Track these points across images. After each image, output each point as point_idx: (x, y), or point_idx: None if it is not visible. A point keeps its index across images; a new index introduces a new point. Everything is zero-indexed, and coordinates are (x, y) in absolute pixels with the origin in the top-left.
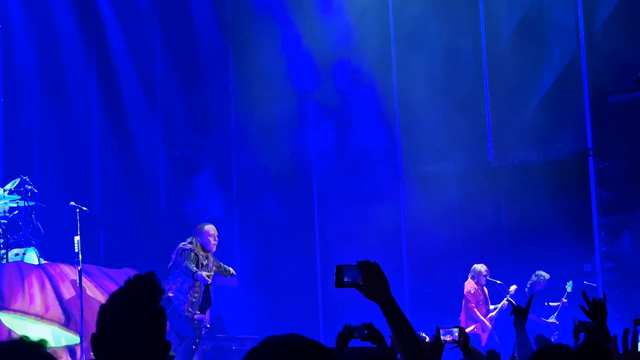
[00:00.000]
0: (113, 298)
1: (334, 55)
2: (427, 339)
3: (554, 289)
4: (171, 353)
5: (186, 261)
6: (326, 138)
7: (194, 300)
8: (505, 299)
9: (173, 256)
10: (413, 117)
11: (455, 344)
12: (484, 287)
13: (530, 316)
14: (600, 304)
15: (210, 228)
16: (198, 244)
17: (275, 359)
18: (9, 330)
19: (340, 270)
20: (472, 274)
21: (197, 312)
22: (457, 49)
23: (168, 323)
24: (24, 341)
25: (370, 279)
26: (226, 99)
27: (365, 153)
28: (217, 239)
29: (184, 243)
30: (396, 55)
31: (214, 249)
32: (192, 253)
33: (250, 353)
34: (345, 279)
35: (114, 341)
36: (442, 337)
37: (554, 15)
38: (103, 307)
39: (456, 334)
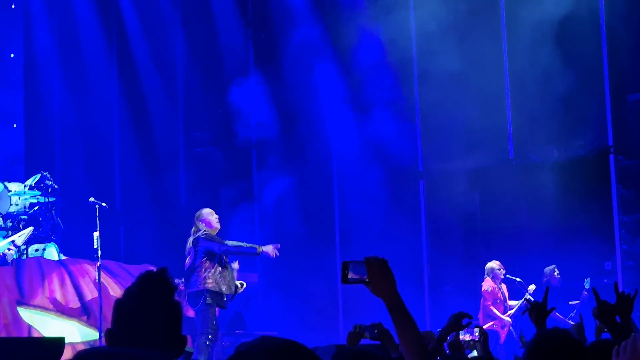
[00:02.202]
0: (127, 293)
1: (355, 52)
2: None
3: (573, 287)
4: (189, 349)
5: (214, 240)
6: (346, 136)
7: (209, 287)
8: (523, 297)
9: (190, 245)
10: (433, 115)
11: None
12: (502, 285)
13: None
14: (628, 299)
15: (205, 211)
16: (206, 229)
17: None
18: (29, 326)
19: (346, 266)
20: (487, 272)
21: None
22: (477, 46)
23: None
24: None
25: (377, 276)
26: (247, 96)
27: (385, 151)
28: (215, 214)
29: (195, 234)
30: (417, 51)
31: (219, 225)
32: (208, 235)
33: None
34: (351, 275)
35: (129, 336)
36: (461, 337)
37: (575, 13)
38: (118, 302)
39: (476, 334)
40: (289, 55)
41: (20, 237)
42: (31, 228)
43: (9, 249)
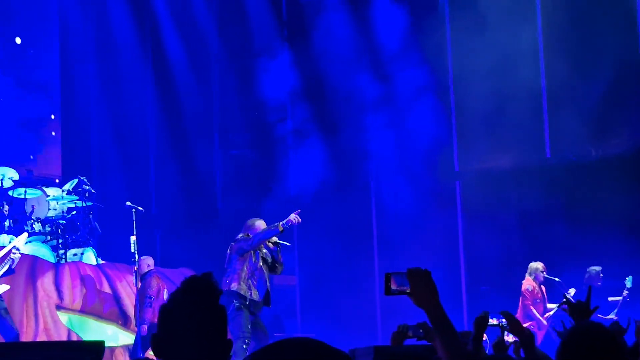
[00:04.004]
0: (172, 298)
1: (388, 53)
2: (486, 338)
3: (613, 286)
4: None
5: (246, 244)
6: (382, 137)
7: (244, 283)
8: (563, 300)
9: (229, 251)
10: (469, 114)
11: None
12: (542, 286)
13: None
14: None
15: (261, 223)
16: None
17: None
18: (68, 330)
19: (388, 277)
20: (529, 271)
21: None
22: (514, 44)
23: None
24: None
25: (419, 287)
26: (282, 97)
27: (421, 151)
28: (265, 225)
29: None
30: (452, 51)
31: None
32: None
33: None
34: (394, 287)
35: (175, 342)
36: (505, 337)
37: (613, 9)
38: (163, 308)
39: (501, 321)
40: (325, 57)
41: (20, 241)
42: (26, 234)
43: (13, 253)
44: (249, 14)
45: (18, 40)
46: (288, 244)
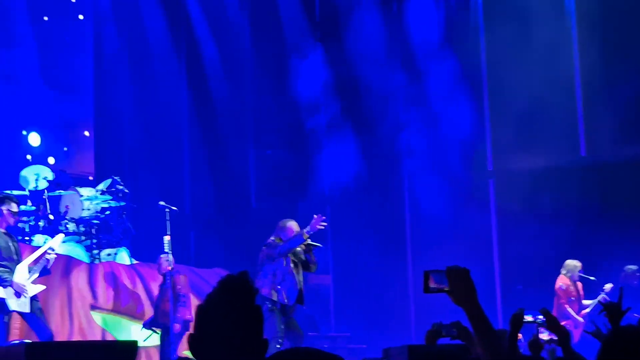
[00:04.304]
0: (209, 299)
1: (421, 50)
2: (521, 337)
3: None
4: None
5: (274, 252)
6: (415, 135)
7: (279, 287)
8: (599, 296)
9: (261, 254)
10: (503, 112)
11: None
12: (577, 283)
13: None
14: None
15: (293, 224)
16: (282, 241)
17: None
18: (103, 330)
19: (427, 275)
20: (565, 269)
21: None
22: (548, 41)
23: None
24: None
25: (458, 285)
26: (316, 96)
27: (455, 150)
28: (298, 227)
29: (269, 240)
30: (486, 48)
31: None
32: (272, 243)
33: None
34: (432, 285)
35: (212, 341)
36: (540, 336)
37: None
38: (200, 308)
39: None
40: (358, 54)
41: (55, 242)
42: (62, 235)
43: (48, 254)
44: (281, 13)
45: (52, 43)
46: (320, 245)
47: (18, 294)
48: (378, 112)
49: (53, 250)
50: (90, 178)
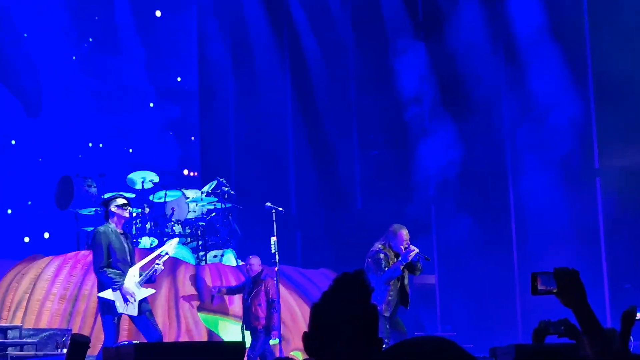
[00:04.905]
0: (325, 297)
1: (524, 47)
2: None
3: None
4: None
5: (378, 271)
6: (520, 133)
7: (390, 299)
8: None
9: (368, 259)
10: (610, 109)
11: None
12: None
13: None
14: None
15: (404, 232)
16: (389, 248)
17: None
18: (209, 331)
19: (535, 278)
20: None
21: (386, 308)
22: None
23: None
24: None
25: (567, 287)
26: (419, 95)
27: (560, 148)
28: (408, 243)
29: (375, 245)
30: (591, 43)
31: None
32: (382, 255)
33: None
34: (540, 287)
35: (327, 339)
36: None
37: None
38: (315, 306)
39: None
40: (460, 51)
41: (171, 247)
42: (177, 239)
43: (157, 264)
44: (384, 14)
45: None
46: (428, 258)
47: (126, 299)
48: (481, 110)
49: (167, 254)
50: (195, 174)
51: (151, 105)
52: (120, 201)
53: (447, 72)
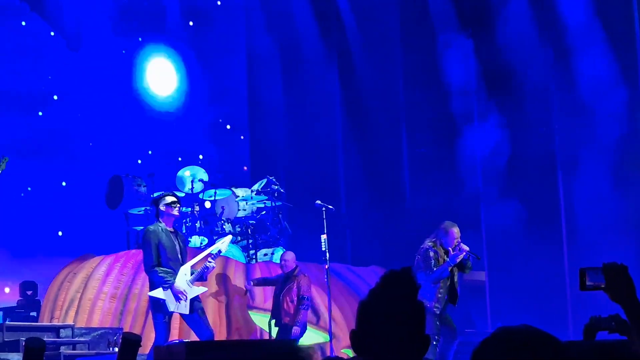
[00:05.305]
0: (372, 294)
1: (569, 35)
2: None
3: None
4: None
5: (428, 270)
6: (569, 125)
7: (440, 296)
8: None
9: (418, 256)
10: None
11: None
12: None
13: None
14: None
15: (455, 231)
16: (440, 245)
17: (507, 349)
18: (260, 329)
19: (583, 273)
20: None
21: (437, 305)
22: None
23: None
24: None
25: (615, 282)
26: (468, 93)
27: (611, 141)
28: (459, 241)
29: (426, 243)
30: None
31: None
32: (431, 253)
33: (484, 343)
34: (589, 282)
35: (374, 337)
36: None
37: None
38: (362, 304)
39: None
40: (508, 45)
41: (224, 244)
42: (230, 236)
43: (209, 262)
44: (432, 13)
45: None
46: (479, 257)
47: (177, 297)
48: (531, 107)
49: (220, 252)
50: (245, 168)
51: (198, 103)
52: (169, 199)
53: (494, 65)
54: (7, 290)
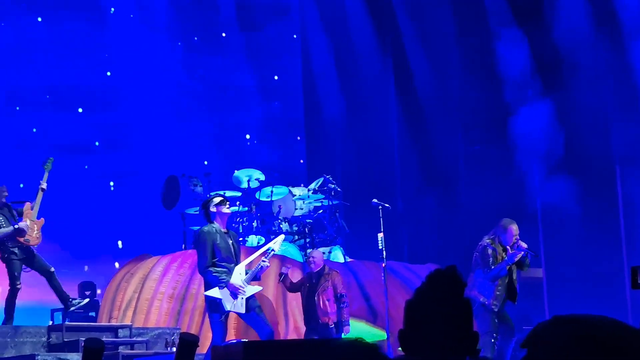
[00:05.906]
0: (418, 293)
1: (625, 28)
2: None
3: None
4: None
5: (486, 267)
6: (627, 121)
7: (498, 294)
8: None
9: (476, 253)
10: None
11: None
12: None
13: None
14: None
15: (514, 228)
16: (498, 243)
17: (564, 334)
18: None
19: (635, 271)
20: None
21: (495, 303)
22: None
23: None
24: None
25: None
26: (522, 87)
27: None
28: (517, 238)
29: (484, 240)
30: None
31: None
32: (490, 250)
33: (537, 327)
34: None
35: (422, 336)
36: None
37: None
38: (409, 303)
39: None
40: (564, 41)
41: (276, 244)
42: (283, 235)
43: (263, 261)
44: (487, 10)
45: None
46: (537, 255)
47: (234, 295)
48: (585, 103)
49: (273, 251)
50: (301, 161)
51: (254, 103)
52: (217, 199)
53: (549, 57)
54: None
